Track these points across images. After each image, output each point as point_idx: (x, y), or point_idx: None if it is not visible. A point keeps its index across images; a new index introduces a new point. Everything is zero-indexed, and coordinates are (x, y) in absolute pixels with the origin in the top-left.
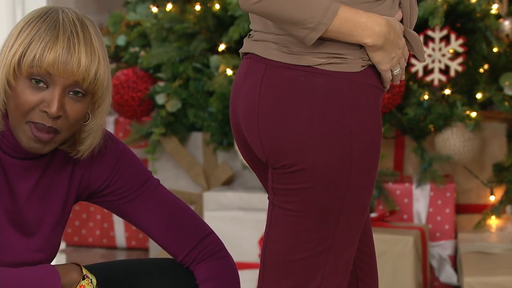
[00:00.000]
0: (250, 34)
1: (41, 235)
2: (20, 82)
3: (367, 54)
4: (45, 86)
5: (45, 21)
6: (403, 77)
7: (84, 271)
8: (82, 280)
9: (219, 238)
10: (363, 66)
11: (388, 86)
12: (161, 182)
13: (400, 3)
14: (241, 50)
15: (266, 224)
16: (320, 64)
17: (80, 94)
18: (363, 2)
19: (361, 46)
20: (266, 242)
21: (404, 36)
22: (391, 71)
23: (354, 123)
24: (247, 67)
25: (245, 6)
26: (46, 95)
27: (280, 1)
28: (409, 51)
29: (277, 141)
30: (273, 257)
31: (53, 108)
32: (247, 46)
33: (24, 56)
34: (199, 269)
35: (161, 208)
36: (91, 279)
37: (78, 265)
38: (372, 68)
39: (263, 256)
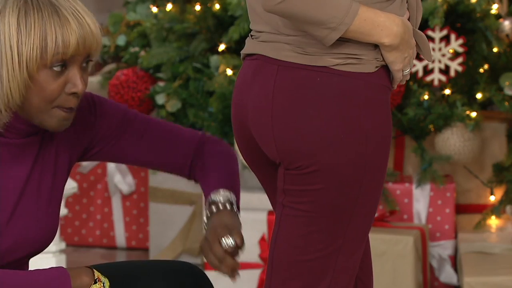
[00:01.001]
0: (252, 35)
1: (42, 209)
2: (42, 73)
3: (381, 55)
4: (64, 67)
5: (39, 6)
6: (408, 77)
7: (96, 275)
8: (94, 284)
9: (210, 135)
10: (376, 66)
11: (396, 86)
12: (161, 182)
13: (407, 3)
14: (244, 51)
15: (275, 225)
16: (336, 65)
17: (89, 61)
18: (376, 2)
19: (375, 47)
20: (275, 243)
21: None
22: (402, 71)
23: (369, 123)
24: (256, 68)
25: (268, 6)
26: (68, 76)
27: (303, 1)
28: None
29: (293, 142)
30: (282, 257)
31: (80, 86)
32: (252, 47)
33: (45, 47)
34: (209, 171)
35: (150, 133)
36: (103, 283)
37: (90, 268)
38: (384, 68)
39: (271, 256)
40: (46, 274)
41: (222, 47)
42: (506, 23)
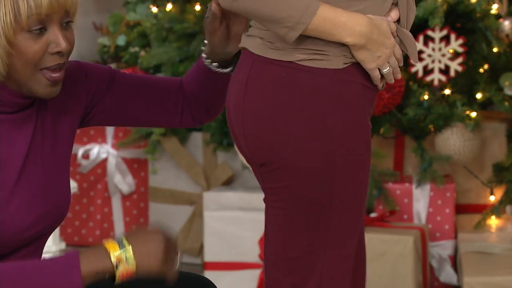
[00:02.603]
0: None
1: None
2: (20, 37)
3: (351, 52)
4: (43, 29)
5: None
6: (399, 76)
7: (114, 258)
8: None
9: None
10: (345, 63)
11: (380, 85)
12: (161, 182)
13: (396, 2)
14: (239, 45)
15: (265, 225)
16: (301, 60)
17: (69, 22)
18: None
19: (343, 44)
20: (265, 242)
21: (398, 36)
22: (379, 69)
23: (335, 121)
24: (240, 62)
25: (224, 3)
26: (49, 36)
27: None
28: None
29: (259, 139)
30: (272, 256)
31: (63, 44)
32: (242, 41)
33: (17, 10)
34: (190, 82)
35: (141, 84)
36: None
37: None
38: (358, 65)
39: (264, 256)
40: (56, 262)
41: None
42: (506, 23)
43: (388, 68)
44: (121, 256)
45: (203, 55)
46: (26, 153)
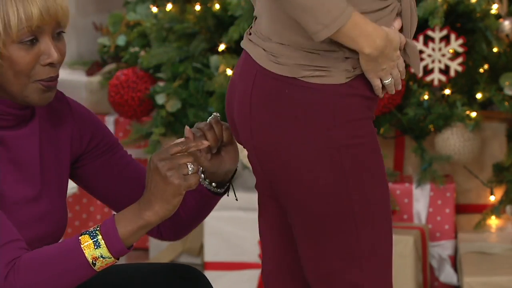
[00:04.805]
0: (250, 31)
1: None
2: (11, 49)
3: (353, 65)
4: (35, 40)
5: None
6: (399, 87)
7: (89, 257)
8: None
9: None
10: (348, 77)
11: (379, 94)
12: None
13: (400, 11)
14: (241, 43)
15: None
16: (304, 77)
17: (61, 33)
18: (369, 12)
19: (345, 59)
20: (302, 259)
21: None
22: (381, 80)
23: (341, 136)
24: (243, 64)
25: None
26: (41, 47)
27: None
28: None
29: (268, 156)
30: (312, 276)
31: (55, 56)
32: (244, 41)
33: (8, 22)
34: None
35: (129, 170)
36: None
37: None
38: (361, 77)
39: (306, 273)
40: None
41: (222, 47)
42: (506, 23)
43: (390, 79)
44: (96, 254)
45: (201, 175)
46: (40, 164)
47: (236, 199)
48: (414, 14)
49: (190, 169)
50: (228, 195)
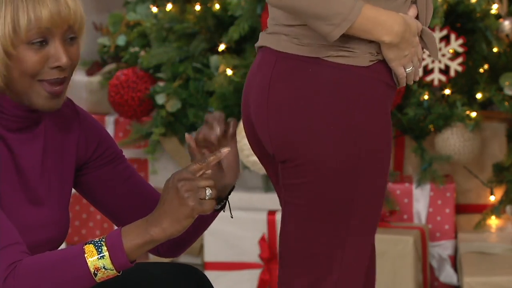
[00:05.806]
0: (267, 28)
1: (52, 207)
2: (20, 50)
3: (377, 50)
4: (44, 43)
5: None
6: (417, 78)
7: (92, 266)
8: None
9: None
10: (371, 61)
11: (403, 83)
12: (161, 182)
13: (415, 0)
14: (256, 44)
15: (281, 221)
16: (328, 56)
17: (74, 38)
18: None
19: (371, 41)
20: (281, 239)
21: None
22: (404, 68)
23: (360, 119)
24: (260, 59)
25: (273, 1)
26: (50, 50)
27: None
28: (422, 49)
29: (284, 134)
30: (289, 253)
31: (63, 59)
32: (261, 39)
33: (17, 23)
34: None
35: (133, 181)
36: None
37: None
38: (383, 63)
39: (279, 253)
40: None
41: (222, 47)
42: (506, 23)
43: (411, 67)
44: (98, 264)
45: None
46: (40, 171)
47: (232, 217)
48: (429, 3)
49: (208, 194)
50: (224, 211)
